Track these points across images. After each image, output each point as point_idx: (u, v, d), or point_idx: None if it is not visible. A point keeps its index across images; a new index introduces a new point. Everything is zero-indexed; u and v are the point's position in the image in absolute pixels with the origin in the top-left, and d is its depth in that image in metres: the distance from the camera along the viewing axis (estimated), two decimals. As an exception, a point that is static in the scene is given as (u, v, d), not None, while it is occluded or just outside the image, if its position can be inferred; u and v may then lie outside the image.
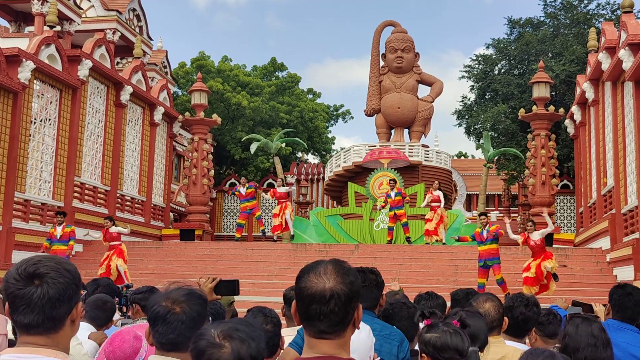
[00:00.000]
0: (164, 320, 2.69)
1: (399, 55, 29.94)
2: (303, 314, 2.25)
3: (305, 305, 2.22)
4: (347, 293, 2.20)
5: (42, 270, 2.19)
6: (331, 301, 2.19)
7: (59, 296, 2.19)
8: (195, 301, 2.75)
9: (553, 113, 24.88)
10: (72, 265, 2.30)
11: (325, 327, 2.21)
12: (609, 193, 21.19)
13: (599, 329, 3.55)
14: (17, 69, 18.61)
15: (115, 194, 23.98)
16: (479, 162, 44.71)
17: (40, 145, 20.45)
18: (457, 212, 25.27)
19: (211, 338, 2.18)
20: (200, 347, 2.18)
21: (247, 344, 2.18)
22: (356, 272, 2.29)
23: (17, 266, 2.24)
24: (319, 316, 2.20)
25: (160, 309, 2.72)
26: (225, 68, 41.81)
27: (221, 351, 2.15)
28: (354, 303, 2.24)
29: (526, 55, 32.07)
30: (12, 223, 18.53)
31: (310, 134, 44.64)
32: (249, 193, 22.66)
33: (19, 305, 2.18)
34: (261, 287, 17.66)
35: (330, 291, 2.19)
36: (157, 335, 2.71)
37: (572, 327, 3.62)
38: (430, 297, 5.88)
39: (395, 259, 19.66)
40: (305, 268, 2.30)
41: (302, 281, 2.26)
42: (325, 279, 2.21)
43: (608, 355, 3.45)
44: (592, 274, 18.59)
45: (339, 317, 2.20)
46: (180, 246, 22.59)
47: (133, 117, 25.70)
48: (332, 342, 2.23)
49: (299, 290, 2.25)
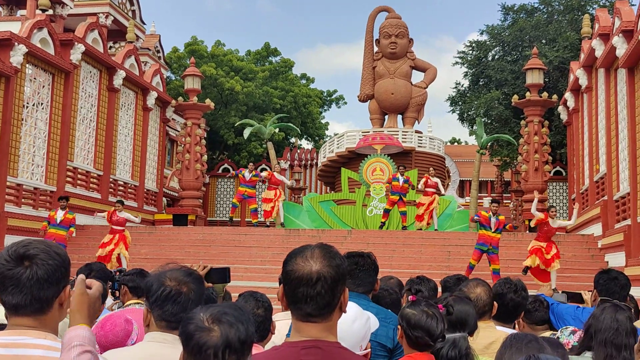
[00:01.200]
0: (174, 301, 2.73)
1: (392, 41, 29.87)
2: (290, 297, 2.27)
3: (293, 288, 2.25)
4: (333, 276, 2.23)
5: (32, 252, 2.23)
6: (318, 284, 2.22)
7: (47, 277, 2.23)
8: (197, 280, 2.83)
9: (546, 99, 24.90)
10: (61, 249, 2.33)
11: (312, 310, 2.24)
12: (601, 180, 21.25)
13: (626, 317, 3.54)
14: (9, 53, 18.51)
15: (108, 178, 23.94)
16: (472, 148, 44.79)
17: (32, 129, 20.37)
18: (450, 198, 25.31)
19: (200, 322, 2.18)
20: (188, 330, 2.18)
21: (235, 327, 2.17)
22: (342, 256, 2.32)
23: (8, 248, 2.28)
24: (305, 299, 2.23)
25: (168, 289, 2.75)
26: (218, 53, 41.67)
27: (210, 335, 2.15)
28: (340, 286, 2.27)
29: (520, 42, 32.04)
30: (4, 207, 18.49)
31: (304, 119, 44.58)
32: (252, 180, 22.73)
33: (8, 285, 2.22)
34: (254, 272, 17.68)
35: (317, 274, 2.22)
36: (165, 315, 2.73)
37: (599, 310, 3.63)
38: (422, 281, 5.90)
39: (388, 245, 19.71)
40: (293, 252, 2.33)
41: (289, 265, 2.29)
42: (312, 262, 2.24)
43: (630, 343, 3.45)
44: (583, 260, 18.67)
45: (326, 300, 2.23)
46: (173, 231, 22.59)
47: (126, 102, 25.62)
48: (318, 325, 2.26)
49: (286, 274, 2.28)
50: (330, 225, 23.54)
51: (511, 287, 4.52)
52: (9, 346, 2.15)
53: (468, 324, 3.53)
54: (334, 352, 2.24)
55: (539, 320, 4.84)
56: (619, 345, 3.46)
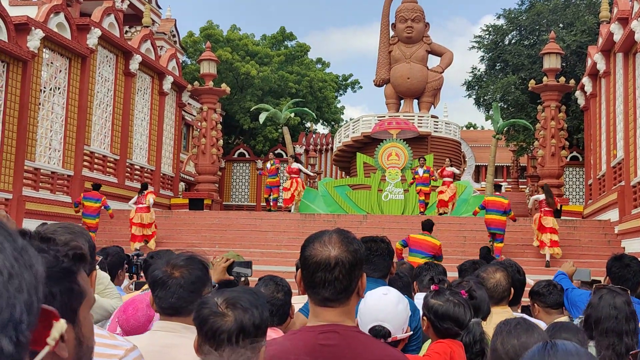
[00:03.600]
0: (164, 285, 2.71)
1: (409, 25, 29.75)
2: (308, 282, 2.29)
3: (310, 273, 2.27)
4: (351, 261, 2.25)
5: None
6: (336, 269, 2.23)
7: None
8: (195, 266, 2.76)
9: (563, 84, 24.71)
10: (87, 235, 2.33)
11: (330, 295, 2.25)
12: (618, 165, 21.11)
13: (623, 302, 3.53)
14: (27, 38, 18.59)
15: (124, 163, 24.04)
16: (488, 133, 44.56)
17: (49, 113, 20.48)
18: (466, 183, 25.26)
19: (214, 306, 2.21)
20: (203, 315, 2.21)
21: (250, 312, 2.19)
22: (360, 241, 2.33)
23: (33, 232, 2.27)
24: (323, 284, 2.24)
25: (159, 273, 2.74)
26: (234, 37, 41.63)
27: (224, 320, 2.18)
28: (357, 271, 2.28)
29: (537, 26, 31.79)
30: (22, 191, 18.65)
31: (319, 104, 44.51)
32: (272, 170, 23.42)
33: None
34: (270, 257, 17.76)
35: (335, 259, 2.23)
36: (157, 300, 2.74)
37: (596, 298, 3.62)
38: (430, 267, 5.91)
39: (404, 230, 19.67)
40: (310, 237, 2.34)
41: (307, 250, 2.30)
42: (330, 247, 2.26)
43: (631, 329, 3.44)
44: (600, 245, 18.61)
45: (343, 285, 2.25)
46: (190, 215, 22.69)
47: (142, 86, 25.68)
48: (336, 310, 2.27)
49: (304, 259, 2.30)
50: (345, 210, 23.55)
51: (514, 268, 4.54)
52: None
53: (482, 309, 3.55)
54: (351, 336, 2.26)
55: (553, 303, 4.84)
56: (620, 332, 3.46)
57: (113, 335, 2.31)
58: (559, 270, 5.90)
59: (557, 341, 1.90)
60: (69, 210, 20.17)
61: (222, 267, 3.83)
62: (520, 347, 2.60)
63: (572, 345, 1.85)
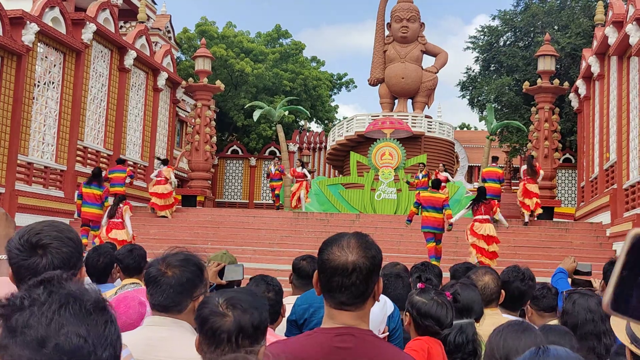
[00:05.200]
0: (155, 283, 2.73)
1: (404, 25, 29.77)
2: (325, 286, 2.29)
3: (328, 277, 2.27)
4: (368, 267, 2.25)
5: (45, 241, 2.23)
6: (353, 274, 2.23)
7: (63, 265, 2.23)
8: (188, 267, 2.77)
9: (558, 86, 24.78)
10: (74, 233, 2.33)
11: (346, 299, 2.26)
12: (611, 168, 21.19)
13: (596, 303, 3.56)
14: (21, 31, 18.52)
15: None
16: (482, 134, 44.63)
17: (43, 108, 20.43)
18: (459, 184, 25.30)
19: (214, 307, 2.25)
20: (203, 315, 2.24)
21: (249, 313, 2.24)
22: (377, 247, 2.33)
23: (19, 235, 2.25)
24: (340, 288, 2.25)
25: (153, 271, 2.76)
26: (229, 34, 41.55)
27: (224, 320, 2.22)
28: (374, 276, 2.29)
29: (532, 27, 31.87)
30: (15, 185, 18.60)
31: (314, 102, 44.48)
32: (276, 174, 24.61)
33: (25, 275, 2.22)
34: (262, 255, 17.76)
35: (352, 264, 2.23)
36: (149, 296, 2.77)
37: (569, 304, 3.64)
38: (427, 268, 5.92)
39: (396, 230, 19.74)
40: (329, 240, 2.34)
41: (325, 253, 2.30)
42: (348, 252, 2.26)
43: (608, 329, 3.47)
44: (591, 248, 18.67)
45: (360, 290, 2.25)
46: (182, 212, 22.68)
47: (136, 82, 25.64)
48: (351, 313, 2.28)
49: (322, 262, 2.30)
50: (338, 208, 23.57)
51: (518, 275, 4.56)
52: None
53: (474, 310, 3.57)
54: (366, 339, 2.27)
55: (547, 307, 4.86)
56: (599, 334, 3.49)
57: None
58: (559, 267, 5.86)
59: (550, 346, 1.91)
60: (61, 205, 20.14)
61: (214, 272, 3.87)
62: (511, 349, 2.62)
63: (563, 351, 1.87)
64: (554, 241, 19.31)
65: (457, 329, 3.35)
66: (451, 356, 3.34)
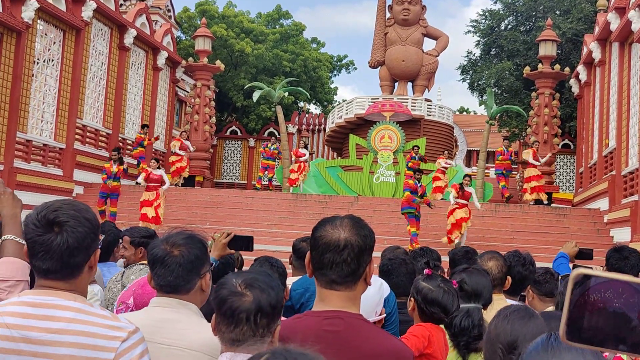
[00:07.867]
0: (162, 263, 2.72)
1: (405, 7, 29.62)
2: (316, 263, 2.32)
3: (319, 254, 2.30)
4: (360, 245, 2.28)
5: (62, 219, 2.23)
6: (344, 251, 2.26)
7: (77, 245, 2.22)
8: (194, 245, 2.77)
9: (558, 72, 24.74)
10: (91, 214, 2.33)
11: (337, 277, 2.28)
12: (610, 154, 21.21)
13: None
14: (21, 8, 18.41)
15: (117, 137, 23.98)
16: (481, 118, 44.61)
17: (42, 86, 20.36)
18: (458, 168, 25.31)
19: (233, 287, 2.29)
20: (222, 295, 2.28)
21: (267, 292, 2.29)
22: (371, 229, 2.36)
23: (37, 211, 2.26)
24: (331, 265, 2.28)
25: (159, 251, 2.75)
26: (229, 14, 41.35)
27: (242, 299, 2.26)
28: (366, 256, 2.31)
29: (534, 12, 31.74)
30: (13, 163, 18.57)
31: (313, 83, 44.37)
32: (272, 152, 24.51)
33: (38, 251, 2.22)
34: (261, 236, 17.76)
35: (344, 241, 2.27)
36: (156, 277, 2.75)
37: (563, 286, 3.66)
38: (425, 253, 5.92)
39: (395, 212, 19.74)
40: (323, 220, 2.39)
41: (318, 231, 2.34)
42: (340, 229, 2.30)
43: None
44: (589, 234, 18.72)
45: (351, 268, 2.28)
46: (181, 192, 22.66)
47: (136, 61, 25.55)
48: (342, 294, 2.30)
49: (314, 240, 2.33)
50: (337, 191, 23.58)
51: (519, 260, 4.57)
52: (40, 306, 2.16)
53: (483, 295, 3.58)
54: (355, 323, 2.29)
55: (548, 292, 4.88)
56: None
57: (116, 316, 2.32)
58: (561, 251, 5.81)
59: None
60: (60, 183, 20.14)
61: (223, 243, 3.87)
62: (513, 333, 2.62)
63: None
64: (552, 226, 19.36)
65: (464, 312, 3.36)
66: (456, 339, 3.36)
